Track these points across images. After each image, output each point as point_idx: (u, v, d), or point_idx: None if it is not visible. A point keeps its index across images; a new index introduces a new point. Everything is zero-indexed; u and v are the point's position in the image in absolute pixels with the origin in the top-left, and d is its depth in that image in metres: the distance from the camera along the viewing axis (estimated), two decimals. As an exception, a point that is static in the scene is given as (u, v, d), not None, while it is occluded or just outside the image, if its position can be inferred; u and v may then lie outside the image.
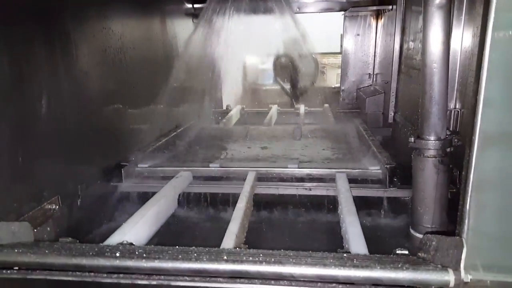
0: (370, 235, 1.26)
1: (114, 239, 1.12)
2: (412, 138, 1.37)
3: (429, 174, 1.34)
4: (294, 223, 1.60)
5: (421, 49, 1.30)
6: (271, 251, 0.92)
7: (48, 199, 1.33)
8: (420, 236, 1.38)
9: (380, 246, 1.35)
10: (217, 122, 3.20)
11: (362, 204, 1.60)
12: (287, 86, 3.88)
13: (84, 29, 1.58)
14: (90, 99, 1.61)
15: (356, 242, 1.03)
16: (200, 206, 1.70)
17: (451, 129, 1.57)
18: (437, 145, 1.32)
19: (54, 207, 1.33)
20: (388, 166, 1.62)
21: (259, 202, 1.62)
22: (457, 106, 1.55)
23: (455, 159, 1.34)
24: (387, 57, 2.82)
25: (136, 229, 1.20)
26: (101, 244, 1.03)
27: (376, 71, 3.24)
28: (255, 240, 1.41)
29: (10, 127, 1.18)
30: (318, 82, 3.86)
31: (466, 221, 0.77)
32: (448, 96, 1.32)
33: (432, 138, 1.33)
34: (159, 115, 2.29)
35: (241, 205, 1.31)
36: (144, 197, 1.75)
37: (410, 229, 1.43)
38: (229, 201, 1.69)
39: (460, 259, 0.81)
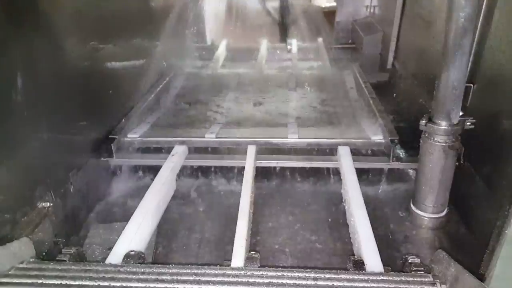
0: (370, 208, 1.27)
1: (119, 250, 1.08)
2: (424, 121, 1.31)
3: (437, 159, 1.30)
4: (295, 194, 1.59)
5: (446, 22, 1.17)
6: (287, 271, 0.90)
7: (41, 198, 1.25)
8: (421, 214, 1.40)
9: (381, 222, 1.39)
10: (202, 59, 3.02)
11: (364, 174, 1.59)
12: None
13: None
14: (66, 63, 1.43)
15: (368, 250, 1.02)
16: (198, 180, 1.66)
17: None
18: (449, 131, 1.26)
19: (48, 205, 1.27)
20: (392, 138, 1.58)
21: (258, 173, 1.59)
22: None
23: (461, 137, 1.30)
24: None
25: (140, 231, 1.16)
26: (107, 264, 1.00)
27: (374, 2, 3.02)
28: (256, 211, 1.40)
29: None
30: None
31: (494, 270, 0.75)
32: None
33: (444, 123, 1.26)
34: (142, 69, 2.13)
35: (245, 200, 1.27)
36: (138, 172, 1.70)
37: (411, 205, 1.44)
38: (229, 173, 1.66)
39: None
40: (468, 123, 1.28)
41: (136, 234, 1.15)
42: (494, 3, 1.29)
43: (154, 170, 1.63)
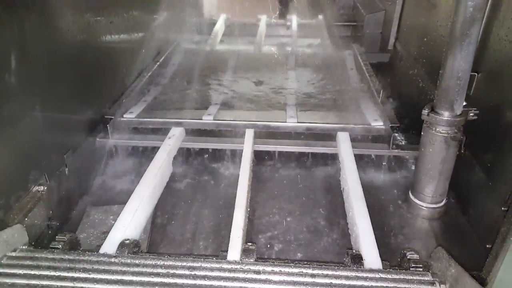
0: (367, 195, 1.25)
1: (114, 238, 1.06)
2: (426, 111, 1.28)
3: (439, 150, 1.29)
4: (293, 178, 1.58)
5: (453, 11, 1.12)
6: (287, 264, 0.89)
7: (35, 181, 1.23)
8: (420, 203, 1.39)
9: (378, 210, 1.38)
10: (199, 33, 2.95)
11: (362, 161, 1.58)
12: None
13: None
14: (59, 40, 1.37)
15: (366, 244, 1.01)
16: (195, 163, 1.64)
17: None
18: (452, 122, 1.24)
19: (42, 188, 1.24)
20: (392, 125, 1.55)
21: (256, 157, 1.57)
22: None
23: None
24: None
25: (135, 218, 1.15)
26: (101, 254, 0.98)
27: (377, -21, 2.93)
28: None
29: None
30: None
31: (496, 276, 0.74)
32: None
33: (447, 114, 1.24)
34: (139, 45, 2.07)
35: (243, 188, 1.25)
36: (134, 152, 1.68)
37: (410, 194, 1.43)
38: (226, 156, 1.64)
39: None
40: (471, 114, 1.26)
41: (131, 221, 1.13)
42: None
43: (151, 151, 1.62)
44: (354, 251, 0.99)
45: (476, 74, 1.34)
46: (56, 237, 1.07)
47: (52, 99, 1.32)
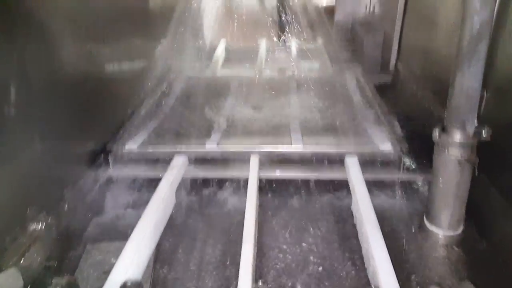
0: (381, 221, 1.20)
1: (116, 278, 1.00)
2: (436, 132, 1.24)
3: (452, 172, 1.23)
4: (301, 206, 1.52)
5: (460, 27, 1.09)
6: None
7: (32, 219, 1.17)
8: (436, 230, 1.32)
9: (393, 238, 1.32)
10: (200, 59, 2.95)
11: (372, 186, 1.52)
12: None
13: None
14: (59, 70, 1.34)
15: (386, 278, 0.94)
16: (199, 193, 1.59)
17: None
18: (465, 143, 1.19)
19: (40, 225, 1.19)
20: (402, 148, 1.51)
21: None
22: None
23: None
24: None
25: (137, 256, 1.09)
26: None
27: (374, 1, 2.95)
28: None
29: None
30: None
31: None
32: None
33: (459, 134, 1.19)
34: (140, 74, 2.05)
35: (250, 219, 1.19)
36: (137, 184, 1.62)
37: (425, 221, 1.37)
38: (231, 184, 1.59)
39: None
40: (485, 134, 1.21)
41: (133, 260, 1.07)
42: (507, 6, 1.21)
43: (153, 182, 1.56)
44: (373, 286, 0.92)
45: (485, 92, 1.30)
46: (53, 280, 1.01)
47: (51, 131, 1.28)
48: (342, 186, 1.53)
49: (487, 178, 1.30)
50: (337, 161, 1.56)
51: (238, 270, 1.00)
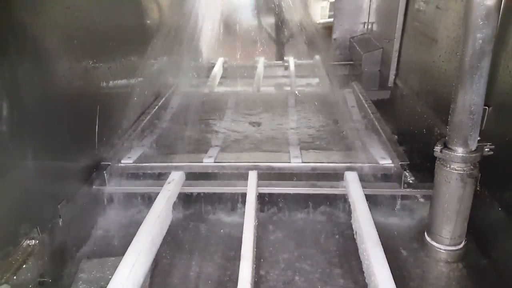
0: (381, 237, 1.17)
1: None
2: (438, 147, 1.23)
3: (455, 188, 1.21)
4: (299, 223, 1.49)
5: (462, 44, 1.09)
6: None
7: (26, 235, 1.14)
8: (437, 246, 1.30)
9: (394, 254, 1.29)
10: (198, 76, 2.95)
11: (373, 202, 1.50)
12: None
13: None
14: (52, 85, 1.32)
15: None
16: (196, 209, 1.56)
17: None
18: (467, 158, 1.18)
19: (33, 242, 1.15)
20: (402, 163, 1.49)
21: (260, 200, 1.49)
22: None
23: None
24: (386, 6, 2.56)
25: (133, 273, 1.06)
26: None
27: (371, 19, 2.98)
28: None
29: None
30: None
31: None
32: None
33: (461, 149, 1.18)
34: (136, 89, 2.03)
35: (248, 236, 1.16)
36: (133, 200, 1.59)
37: (426, 236, 1.34)
38: (229, 200, 1.56)
39: None
40: (486, 149, 1.20)
41: (128, 277, 1.04)
42: (509, 21, 1.22)
43: (150, 198, 1.54)
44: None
45: (487, 107, 1.30)
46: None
47: (46, 146, 1.25)
48: (342, 201, 1.50)
49: (489, 194, 1.29)
50: (336, 176, 1.54)
51: (236, 286, 0.97)
